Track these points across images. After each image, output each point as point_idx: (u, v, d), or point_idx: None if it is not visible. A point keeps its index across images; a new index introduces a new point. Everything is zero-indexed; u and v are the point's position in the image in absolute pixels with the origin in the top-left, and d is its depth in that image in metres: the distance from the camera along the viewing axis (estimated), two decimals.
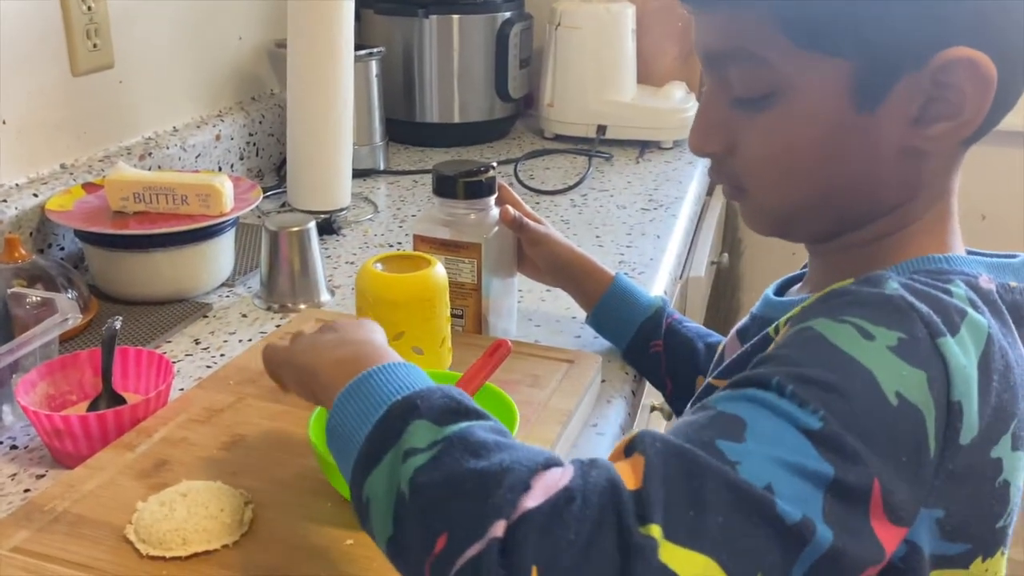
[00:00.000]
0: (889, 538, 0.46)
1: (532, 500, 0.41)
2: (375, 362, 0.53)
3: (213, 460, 0.69)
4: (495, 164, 0.91)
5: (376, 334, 0.60)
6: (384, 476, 0.46)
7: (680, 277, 1.38)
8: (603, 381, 0.87)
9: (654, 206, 1.39)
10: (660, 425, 1.34)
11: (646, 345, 0.90)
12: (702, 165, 1.61)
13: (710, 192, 1.73)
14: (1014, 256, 0.60)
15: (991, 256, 0.59)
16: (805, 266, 0.70)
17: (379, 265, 0.77)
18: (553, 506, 0.41)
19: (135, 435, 0.72)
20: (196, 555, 0.58)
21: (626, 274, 0.99)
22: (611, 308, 0.91)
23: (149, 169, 1.21)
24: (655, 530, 0.40)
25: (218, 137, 1.37)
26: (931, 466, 0.48)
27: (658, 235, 1.28)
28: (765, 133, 0.58)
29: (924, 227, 0.59)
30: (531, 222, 0.91)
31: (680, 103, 1.67)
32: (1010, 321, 0.55)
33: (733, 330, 0.71)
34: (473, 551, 0.40)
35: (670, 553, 0.40)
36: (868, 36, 0.53)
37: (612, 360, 0.92)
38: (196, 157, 1.32)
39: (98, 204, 1.04)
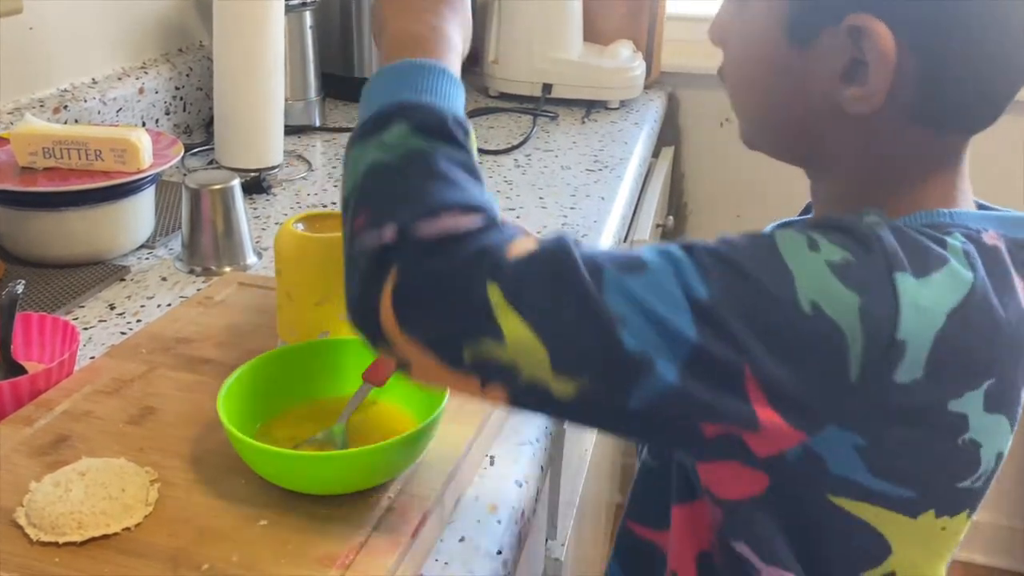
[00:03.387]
0: (773, 422, 0.48)
1: (427, 230, 0.48)
2: (424, 54, 0.58)
3: (119, 435, 0.64)
4: None
5: (458, 26, 0.62)
6: (359, 153, 0.53)
7: (624, 239, 1.34)
8: None
9: (599, 167, 1.36)
10: None
11: None
12: (648, 126, 1.58)
13: (656, 154, 1.70)
14: None
15: (1004, 211, 0.57)
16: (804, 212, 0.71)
17: (300, 225, 0.72)
18: (440, 240, 0.48)
19: (34, 408, 0.66)
20: (93, 540, 0.54)
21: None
22: None
23: (65, 123, 1.13)
24: (494, 291, 0.47)
25: (141, 91, 1.30)
26: (848, 388, 0.48)
27: (602, 196, 1.24)
28: (736, 38, 0.60)
29: (926, 192, 0.56)
30: None
31: (626, 62, 1.63)
32: (1015, 279, 0.53)
33: None
34: (368, 237, 0.49)
35: (503, 313, 0.46)
36: None
37: None
38: (117, 111, 1.25)
39: (4, 159, 0.97)
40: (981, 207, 0.58)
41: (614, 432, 0.56)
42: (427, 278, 0.48)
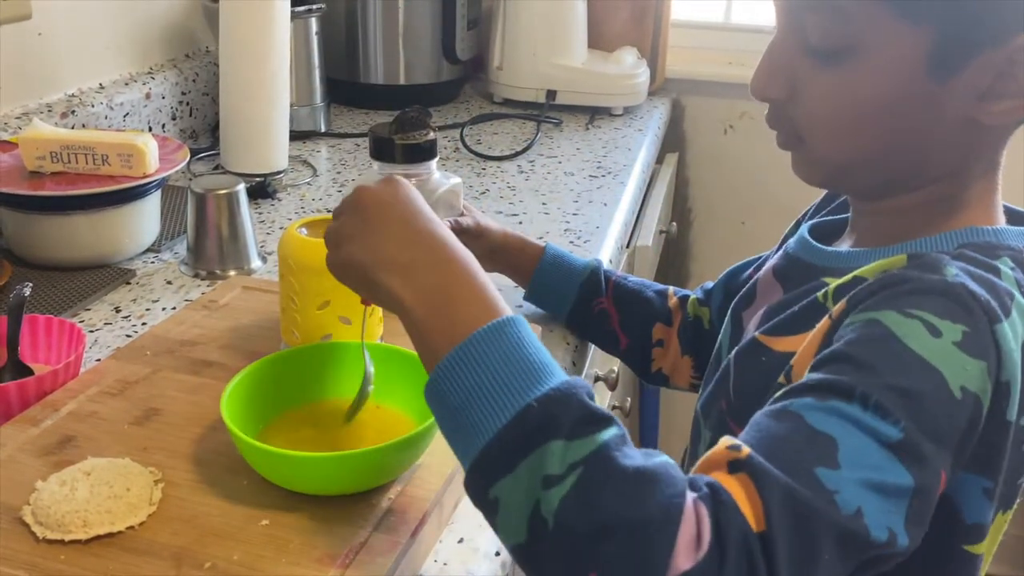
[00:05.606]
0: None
1: (684, 562, 0.42)
2: (472, 305, 0.50)
3: (123, 435, 0.65)
4: (430, 114, 0.85)
5: (421, 209, 0.57)
6: (520, 489, 0.45)
7: (627, 246, 1.35)
8: None
9: (602, 173, 1.36)
10: (604, 396, 1.32)
11: (589, 304, 0.88)
12: (652, 132, 1.59)
13: (659, 160, 1.71)
14: None
15: None
16: (823, 206, 0.72)
17: (303, 229, 0.72)
18: (702, 573, 0.42)
19: (40, 409, 0.67)
20: (98, 538, 0.55)
21: (571, 242, 0.97)
22: (547, 277, 0.88)
23: (72, 128, 1.15)
24: None
25: (148, 96, 1.31)
26: (975, 438, 0.52)
27: (605, 203, 1.25)
28: (835, 87, 0.58)
29: (972, 197, 0.61)
30: (463, 221, 0.86)
31: (631, 69, 1.64)
32: None
33: (768, 266, 0.72)
34: None
35: None
36: (959, 9, 0.54)
37: (552, 330, 0.89)
38: (124, 116, 1.26)
39: (12, 164, 0.98)
40: (1006, 209, 0.62)
41: None
42: None
